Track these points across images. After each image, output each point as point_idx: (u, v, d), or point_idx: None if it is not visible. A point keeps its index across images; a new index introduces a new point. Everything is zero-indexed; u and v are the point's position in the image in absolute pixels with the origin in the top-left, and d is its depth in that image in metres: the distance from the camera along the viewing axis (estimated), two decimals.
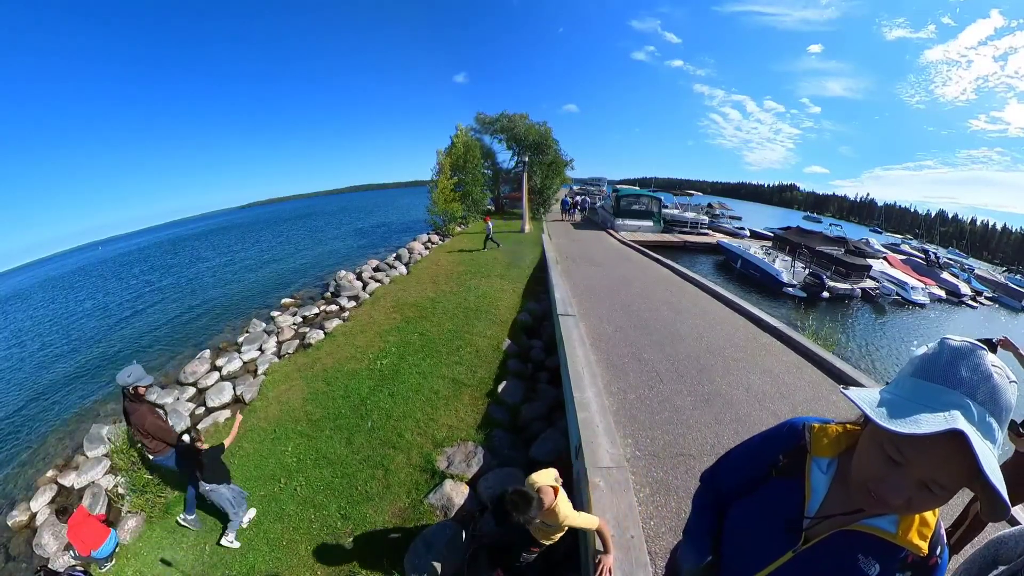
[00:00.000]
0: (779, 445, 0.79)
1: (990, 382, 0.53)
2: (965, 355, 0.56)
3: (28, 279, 32.83)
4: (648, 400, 3.62)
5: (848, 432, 0.72)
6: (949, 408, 0.53)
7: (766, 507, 0.77)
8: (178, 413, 5.74)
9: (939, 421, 0.51)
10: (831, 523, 0.69)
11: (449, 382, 5.13)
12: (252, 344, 7.90)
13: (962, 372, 0.55)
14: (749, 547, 0.79)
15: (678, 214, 20.77)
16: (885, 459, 0.57)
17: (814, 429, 0.75)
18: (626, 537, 2.14)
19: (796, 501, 0.72)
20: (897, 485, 0.57)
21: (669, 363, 4.35)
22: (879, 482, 0.58)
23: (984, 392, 0.53)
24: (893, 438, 0.55)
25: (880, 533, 0.65)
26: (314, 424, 4.61)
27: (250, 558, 3.18)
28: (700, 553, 0.92)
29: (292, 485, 3.80)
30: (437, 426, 4.33)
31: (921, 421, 0.52)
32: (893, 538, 0.65)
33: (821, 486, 0.71)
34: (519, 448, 4.00)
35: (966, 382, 0.54)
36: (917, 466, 0.55)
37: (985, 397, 0.53)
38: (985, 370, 0.54)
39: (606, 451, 2.73)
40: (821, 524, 0.70)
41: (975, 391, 0.53)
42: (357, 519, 3.36)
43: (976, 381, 0.54)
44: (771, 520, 0.75)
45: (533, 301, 8.07)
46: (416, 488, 3.59)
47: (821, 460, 0.72)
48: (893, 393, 0.60)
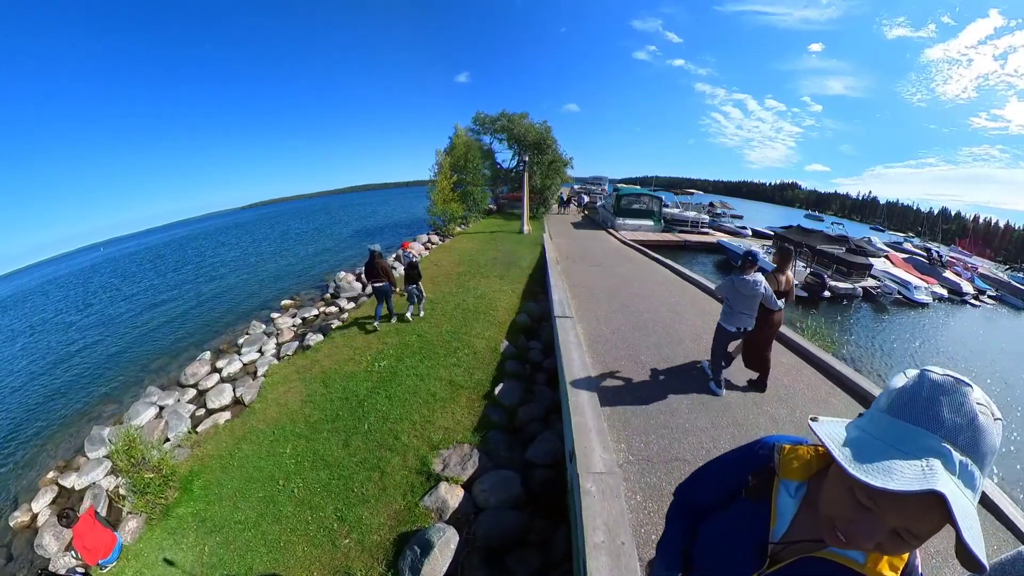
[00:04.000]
0: (749, 465, 0.78)
1: (974, 424, 0.48)
2: (948, 392, 0.50)
3: (28, 281, 33.02)
4: (645, 405, 3.62)
5: (820, 455, 0.69)
6: (927, 456, 0.47)
7: (734, 527, 0.76)
8: (179, 415, 5.78)
9: (915, 474, 0.46)
10: (798, 547, 0.67)
11: (446, 384, 5.15)
12: (252, 346, 7.95)
13: (943, 413, 0.49)
14: (717, 566, 0.78)
15: (679, 213, 20.70)
16: (855, 502, 0.53)
17: (784, 450, 0.72)
18: (616, 543, 2.15)
19: (763, 523, 0.70)
20: (867, 530, 0.52)
21: (666, 365, 4.36)
22: (847, 524, 0.54)
23: (967, 437, 0.48)
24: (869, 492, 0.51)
25: (848, 563, 0.63)
26: (312, 426, 4.64)
27: (248, 558, 3.21)
28: (671, 567, 0.92)
29: (290, 487, 3.83)
30: (434, 428, 4.35)
31: (894, 472, 0.47)
32: (861, 568, 0.62)
33: (788, 510, 0.69)
34: (516, 450, 4.01)
35: (947, 425, 0.48)
36: (890, 515, 0.50)
37: (968, 443, 0.48)
38: (969, 411, 0.48)
39: (599, 456, 2.74)
40: (788, 548, 0.68)
41: (957, 436, 0.48)
42: (353, 521, 3.38)
43: (959, 424, 0.48)
44: (739, 540, 0.74)
45: (532, 302, 8.07)
46: (412, 490, 3.61)
47: (790, 483, 0.70)
48: (864, 430, 0.54)
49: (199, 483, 4.08)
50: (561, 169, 23.28)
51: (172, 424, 5.53)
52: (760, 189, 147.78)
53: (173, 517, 3.75)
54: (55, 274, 32.99)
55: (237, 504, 3.75)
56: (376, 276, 6.75)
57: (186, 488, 4.03)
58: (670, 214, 20.21)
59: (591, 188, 38.94)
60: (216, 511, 3.72)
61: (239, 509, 3.69)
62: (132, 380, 7.83)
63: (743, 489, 0.76)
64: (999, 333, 11.90)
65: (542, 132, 22.20)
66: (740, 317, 3.40)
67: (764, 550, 0.69)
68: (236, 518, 3.59)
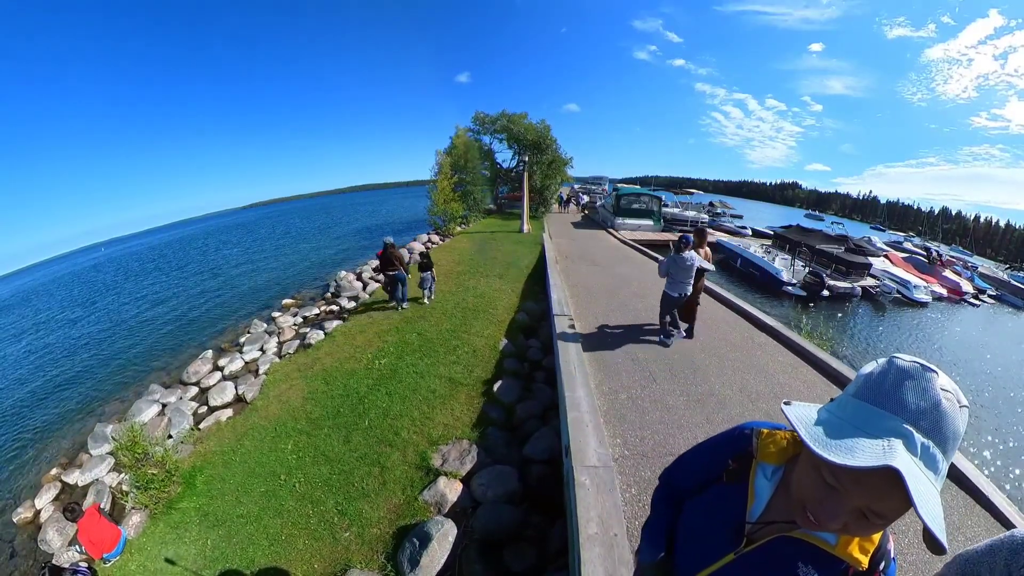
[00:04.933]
0: (730, 449, 0.80)
1: (937, 410, 0.50)
2: (913, 377, 0.52)
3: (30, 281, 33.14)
4: (640, 400, 3.68)
5: (796, 441, 0.71)
6: (889, 436, 0.49)
7: (714, 509, 0.79)
8: (181, 412, 5.84)
9: (876, 452, 0.47)
10: (773, 528, 0.69)
11: (446, 381, 5.21)
12: (253, 344, 8.01)
13: (907, 397, 0.51)
14: (697, 546, 0.80)
15: (678, 213, 20.75)
16: (822, 482, 0.55)
17: (762, 435, 0.75)
18: (609, 535, 2.20)
19: (741, 504, 0.73)
20: (833, 510, 0.54)
21: (663, 363, 4.40)
22: (815, 504, 0.56)
23: (930, 421, 0.49)
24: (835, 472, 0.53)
25: (819, 543, 0.65)
26: (313, 422, 4.70)
27: (250, 552, 3.26)
28: (655, 548, 0.96)
29: (292, 481, 3.88)
30: (433, 424, 4.40)
31: (857, 450, 0.48)
32: (832, 549, 0.64)
33: (765, 492, 0.72)
34: (513, 446, 4.07)
35: (910, 408, 0.50)
36: (854, 494, 0.52)
37: (930, 426, 0.49)
38: (933, 396, 0.50)
39: (594, 451, 2.79)
40: (763, 528, 0.70)
41: (919, 419, 0.50)
42: (353, 515, 3.44)
43: (922, 408, 0.50)
44: (718, 521, 0.77)
45: (531, 301, 8.12)
46: (411, 485, 3.67)
47: (767, 466, 0.73)
48: (833, 413, 0.56)
49: (201, 478, 4.14)
50: (561, 169, 23.33)
51: (175, 421, 5.59)
52: (760, 189, 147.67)
53: (176, 511, 3.81)
54: (56, 274, 33.11)
55: (239, 499, 3.80)
56: (391, 265, 7.44)
57: (189, 483, 4.08)
58: (670, 214, 20.25)
59: (591, 188, 38.96)
60: (218, 505, 3.78)
61: (241, 503, 3.75)
62: (134, 378, 7.89)
63: (723, 473, 0.80)
64: (999, 332, 11.93)
65: (541, 131, 22.25)
66: (681, 285, 4.41)
67: (741, 529, 0.72)
68: (238, 512, 3.65)
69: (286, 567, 3.12)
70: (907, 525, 2.44)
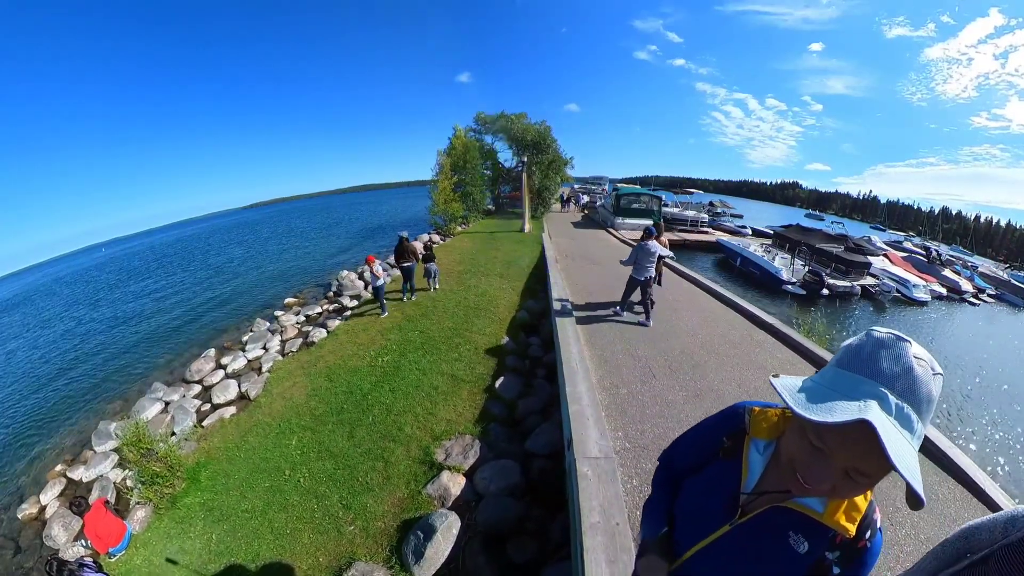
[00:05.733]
0: (724, 428, 0.85)
1: (910, 374, 0.54)
2: (887, 346, 0.56)
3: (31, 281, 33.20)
4: (640, 395, 3.72)
5: (786, 417, 0.75)
6: (866, 398, 0.53)
7: (711, 484, 0.83)
8: (185, 410, 5.88)
9: (852, 410, 0.51)
10: (765, 499, 0.73)
11: (448, 378, 5.25)
12: (256, 343, 8.05)
13: (882, 363, 0.55)
14: (694, 520, 0.84)
15: (678, 212, 20.78)
16: (809, 446, 0.59)
17: (754, 412, 0.80)
18: (611, 524, 2.24)
19: (735, 478, 0.77)
20: (820, 472, 0.58)
21: (663, 359, 4.44)
22: (804, 468, 0.60)
23: (903, 384, 0.54)
24: (814, 426, 0.57)
25: (808, 512, 0.68)
26: (317, 419, 4.74)
27: (255, 546, 3.30)
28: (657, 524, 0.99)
29: (296, 476, 3.92)
30: (436, 420, 4.44)
31: (836, 410, 0.53)
32: (820, 517, 0.67)
33: (758, 466, 0.76)
34: (515, 441, 4.11)
35: (885, 373, 0.55)
36: (839, 454, 0.56)
37: (904, 388, 0.54)
38: (906, 362, 0.55)
39: (595, 442, 2.83)
40: (757, 500, 0.74)
41: (894, 382, 0.54)
42: (358, 509, 3.48)
43: (896, 373, 0.54)
44: (714, 496, 0.81)
45: (532, 299, 8.16)
46: (415, 479, 3.71)
47: (759, 442, 0.76)
48: (816, 382, 0.61)
49: (206, 474, 4.18)
50: (561, 169, 23.37)
51: (178, 418, 5.63)
52: (761, 189, 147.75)
53: (181, 507, 3.85)
54: (58, 274, 33.17)
55: (244, 494, 3.84)
56: (404, 257, 7.98)
57: (193, 479, 4.13)
58: (670, 213, 20.28)
59: (591, 188, 39.01)
60: (223, 500, 3.82)
61: (246, 498, 3.79)
62: (137, 377, 7.93)
63: (719, 450, 0.84)
64: (998, 331, 11.95)
65: (541, 132, 22.29)
66: (646, 269, 5.23)
67: (736, 501, 0.76)
68: (243, 507, 3.69)
69: (291, 561, 3.16)
70: (904, 518, 2.48)
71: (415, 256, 8.22)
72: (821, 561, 0.69)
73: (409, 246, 8.11)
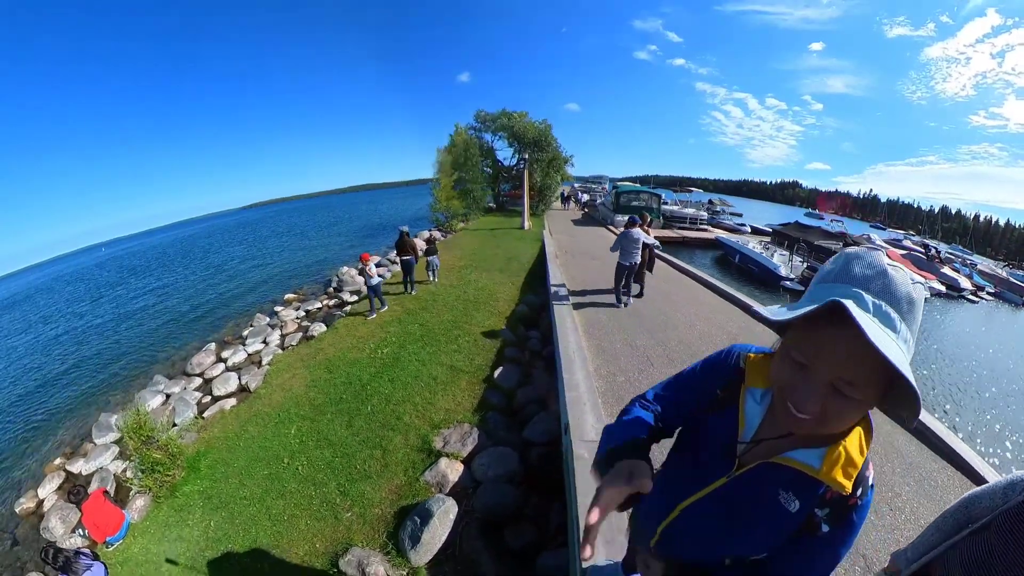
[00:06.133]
0: (717, 378, 0.79)
1: (885, 276, 0.53)
2: (860, 256, 0.56)
3: (33, 280, 33.21)
4: (638, 383, 3.72)
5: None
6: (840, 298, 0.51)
7: (705, 436, 0.78)
8: (185, 402, 5.89)
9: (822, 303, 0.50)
10: (764, 448, 0.68)
11: (447, 369, 5.26)
12: (256, 337, 8.07)
13: (855, 270, 0.54)
14: (687, 473, 0.79)
15: (677, 210, 20.79)
16: (793, 365, 0.57)
17: (749, 359, 0.75)
18: None
19: (731, 429, 0.73)
20: (807, 391, 0.55)
21: (661, 349, 4.45)
22: (792, 391, 0.57)
23: (878, 284, 0.52)
24: (796, 341, 0.56)
25: (805, 468, 0.63)
26: (316, 408, 4.75)
27: (252, 532, 3.31)
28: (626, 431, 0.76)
29: (294, 465, 3.93)
30: (435, 409, 4.45)
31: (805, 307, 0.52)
32: (816, 473, 0.62)
33: (755, 416, 0.71)
34: (514, 430, 4.12)
35: (859, 277, 0.54)
36: (822, 364, 0.53)
37: (880, 288, 0.52)
38: (879, 266, 0.54)
39: (592, 426, 2.83)
40: (753, 451, 0.70)
41: (869, 283, 0.53)
42: (355, 496, 3.49)
43: (870, 275, 0.53)
44: (708, 448, 0.76)
45: (531, 294, 8.18)
46: (413, 467, 3.72)
47: (755, 390, 0.72)
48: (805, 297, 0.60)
49: (205, 462, 4.19)
50: (561, 167, 23.38)
51: (179, 410, 5.64)
52: (761, 188, 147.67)
53: (180, 495, 3.86)
54: (58, 273, 33.17)
55: (243, 482, 3.85)
56: (405, 251, 8.10)
57: (193, 467, 4.14)
58: (669, 211, 20.28)
59: (591, 187, 39.04)
60: (222, 488, 3.83)
61: (244, 486, 3.80)
62: (138, 371, 7.95)
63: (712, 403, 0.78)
64: (996, 328, 11.96)
65: (542, 130, 22.29)
66: (632, 255, 5.46)
67: (732, 452, 0.71)
68: (241, 494, 3.70)
69: (288, 546, 3.16)
70: (903, 503, 2.48)
71: (415, 251, 8.29)
72: (811, 518, 0.65)
73: (410, 240, 8.16)
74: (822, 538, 0.65)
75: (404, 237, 8.14)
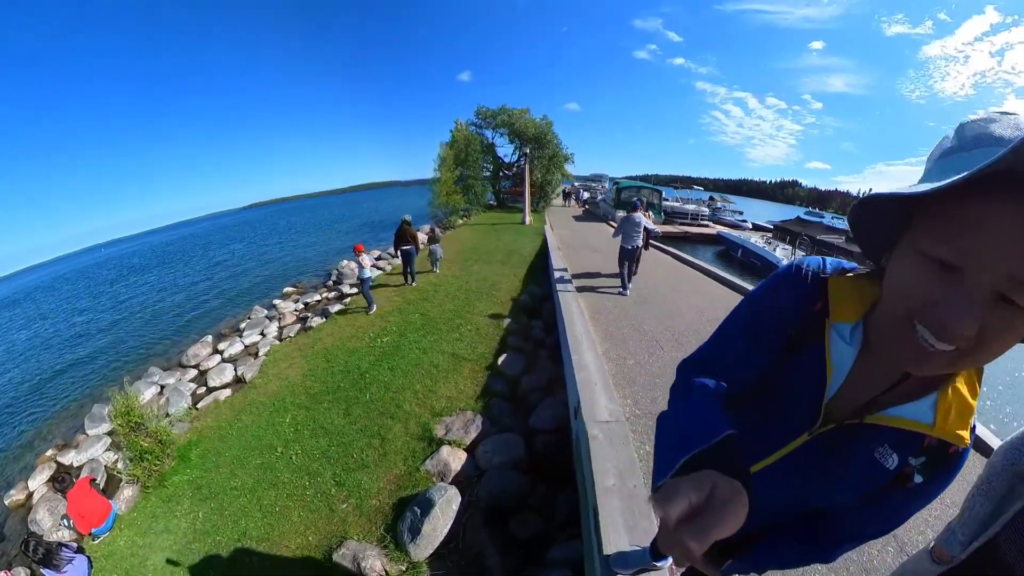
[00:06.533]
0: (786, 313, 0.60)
1: None
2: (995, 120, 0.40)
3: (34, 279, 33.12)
4: (648, 365, 3.55)
5: (874, 280, 0.52)
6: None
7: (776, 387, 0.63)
8: (180, 392, 5.72)
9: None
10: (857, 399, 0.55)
11: (449, 357, 5.07)
12: (254, 329, 7.90)
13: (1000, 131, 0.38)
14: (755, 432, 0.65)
15: (679, 206, 20.72)
16: (936, 270, 0.39)
17: (833, 282, 0.56)
18: (628, 487, 2.06)
19: (813, 377, 0.57)
20: (960, 305, 0.37)
21: (669, 334, 4.27)
22: (932, 308, 0.39)
23: None
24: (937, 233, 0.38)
25: (917, 427, 0.51)
26: (313, 397, 4.57)
27: (242, 524, 3.14)
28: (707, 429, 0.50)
29: (288, 454, 3.76)
30: (436, 397, 4.27)
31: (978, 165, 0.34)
32: (929, 430, 0.50)
33: (845, 359, 0.55)
34: (519, 417, 3.93)
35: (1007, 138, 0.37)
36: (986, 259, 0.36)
37: None
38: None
39: (604, 407, 2.66)
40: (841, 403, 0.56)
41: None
42: (351, 486, 3.31)
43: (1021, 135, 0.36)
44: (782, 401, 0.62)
45: (534, 284, 8.01)
46: (413, 456, 3.54)
47: (843, 325, 0.54)
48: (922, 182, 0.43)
49: (196, 452, 4.02)
50: (562, 164, 23.28)
51: (172, 400, 5.47)
52: (761, 187, 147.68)
53: (169, 485, 3.69)
54: (59, 272, 33.11)
55: (234, 471, 3.68)
56: (405, 241, 7.84)
57: (183, 457, 3.97)
58: (670, 207, 20.22)
59: (591, 185, 39.08)
60: (212, 478, 3.66)
61: (236, 476, 3.62)
62: (134, 363, 7.81)
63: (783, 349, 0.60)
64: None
65: (542, 126, 22.15)
66: (633, 238, 5.45)
67: (815, 405, 0.56)
68: (232, 485, 3.53)
69: (279, 538, 2.99)
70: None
71: (415, 241, 8.01)
72: (903, 469, 0.54)
73: (410, 230, 7.87)
74: (912, 490, 0.55)
75: (405, 226, 7.84)
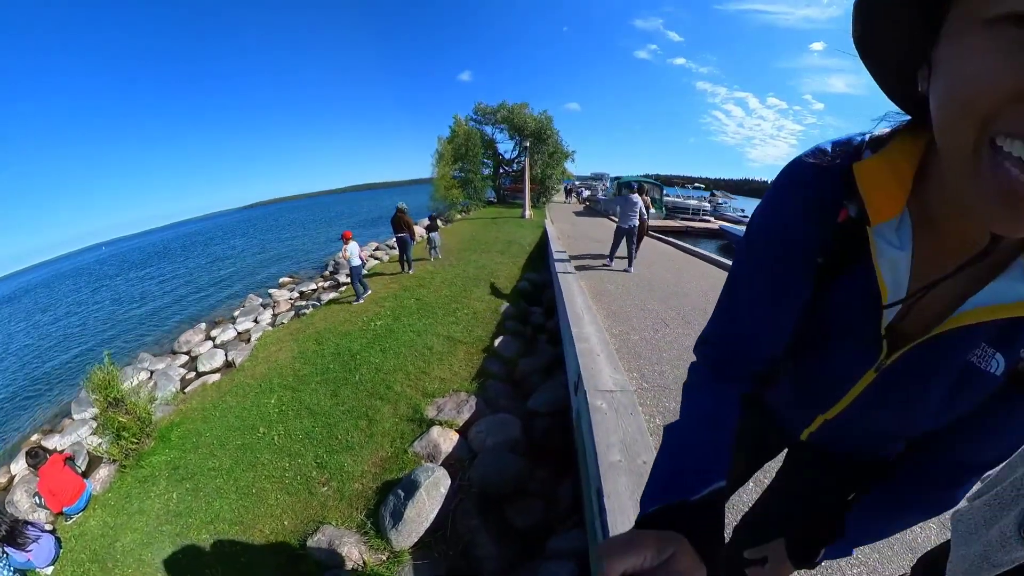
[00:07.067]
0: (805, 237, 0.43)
1: None
2: None
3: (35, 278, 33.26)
4: (654, 341, 3.31)
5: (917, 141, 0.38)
6: None
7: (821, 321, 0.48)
8: (169, 377, 5.56)
9: None
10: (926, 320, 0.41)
11: (444, 339, 4.85)
12: (248, 316, 7.76)
13: None
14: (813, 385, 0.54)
15: (680, 201, 20.58)
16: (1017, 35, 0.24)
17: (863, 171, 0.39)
18: (637, 463, 1.81)
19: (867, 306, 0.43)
20: None
21: (674, 312, 4.04)
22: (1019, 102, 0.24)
23: None
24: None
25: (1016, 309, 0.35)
26: (300, 379, 4.37)
27: (216, 505, 2.93)
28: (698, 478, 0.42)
29: (271, 435, 3.55)
30: (429, 379, 4.05)
31: None
32: None
33: (901, 268, 0.40)
34: (517, 399, 3.70)
35: None
36: None
37: None
38: None
39: (608, 376, 2.42)
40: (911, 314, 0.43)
41: None
42: (333, 468, 3.09)
43: None
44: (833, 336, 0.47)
45: (533, 272, 7.81)
46: (401, 437, 3.32)
47: (886, 227, 0.39)
48: None
49: (177, 433, 3.84)
50: (562, 160, 23.12)
51: (161, 384, 5.32)
52: (762, 187, 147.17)
53: (146, 465, 3.50)
54: (59, 270, 33.28)
55: (213, 452, 3.49)
56: (400, 228, 7.61)
57: (163, 437, 3.78)
58: (672, 202, 20.07)
59: (592, 183, 39.12)
60: (191, 459, 3.46)
61: (215, 456, 3.43)
62: (129, 351, 7.69)
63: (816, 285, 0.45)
64: None
65: (542, 121, 21.98)
66: (629, 218, 5.63)
67: (874, 330, 0.43)
68: (209, 465, 3.34)
69: (252, 521, 2.77)
70: None
71: (411, 229, 7.80)
72: (1019, 363, 0.40)
73: (405, 218, 7.66)
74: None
75: (399, 214, 7.64)
